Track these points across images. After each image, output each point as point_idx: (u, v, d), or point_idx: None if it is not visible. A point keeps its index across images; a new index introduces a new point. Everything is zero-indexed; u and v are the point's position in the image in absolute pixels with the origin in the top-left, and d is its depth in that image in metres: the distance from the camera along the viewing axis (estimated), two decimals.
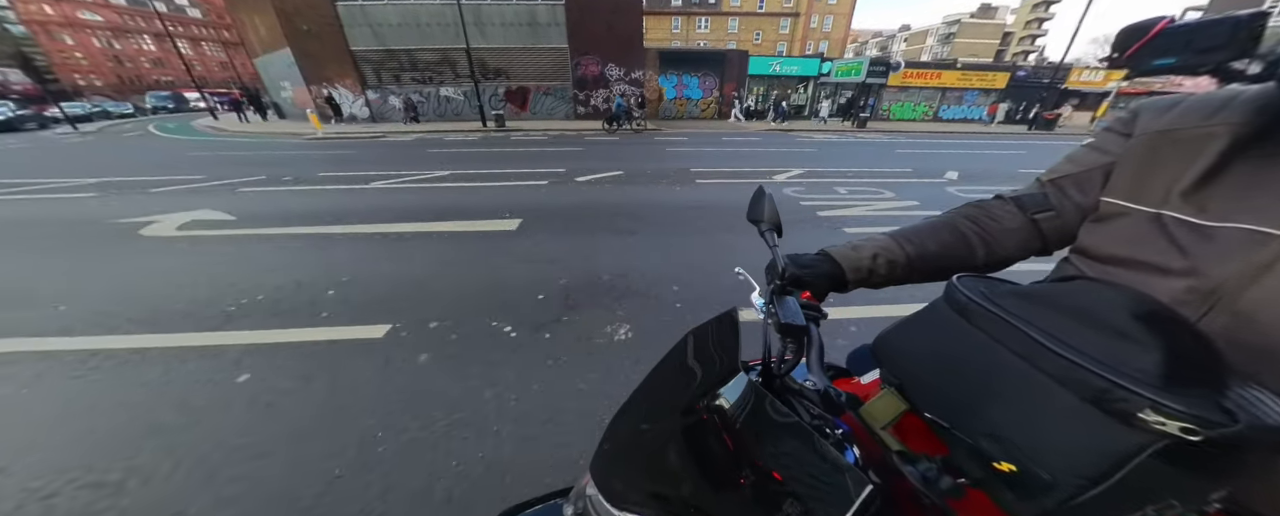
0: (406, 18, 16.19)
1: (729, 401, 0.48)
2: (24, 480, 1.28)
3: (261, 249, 3.06)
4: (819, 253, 0.66)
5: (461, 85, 17.29)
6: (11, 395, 1.64)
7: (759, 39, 38.39)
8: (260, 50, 18.74)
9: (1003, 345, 0.41)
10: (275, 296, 2.35)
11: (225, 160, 7.39)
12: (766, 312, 0.58)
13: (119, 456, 1.36)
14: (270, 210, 4.01)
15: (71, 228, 3.57)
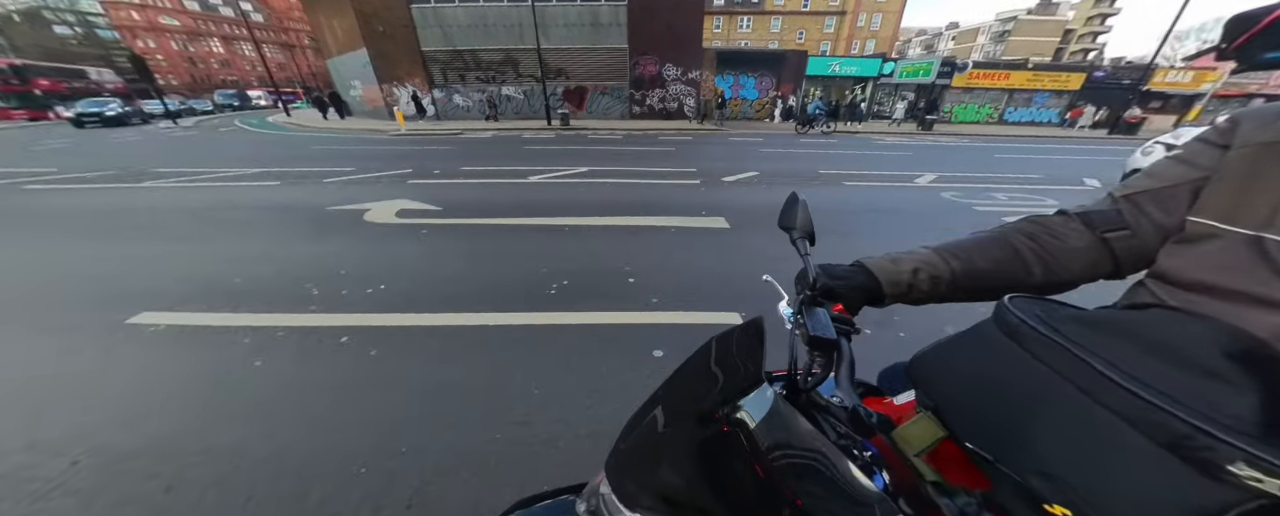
0: (475, 19, 16.78)
1: (750, 412, 0.45)
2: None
3: (503, 237, 3.19)
4: (854, 263, 0.62)
5: (522, 84, 17.79)
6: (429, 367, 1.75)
7: (802, 38, 37.56)
8: (335, 51, 19.85)
9: (1061, 375, 0.37)
10: (582, 281, 2.45)
11: (351, 154, 7.86)
12: (795, 323, 0.55)
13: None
14: (461, 201, 4.16)
15: (299, 213, 3.85)
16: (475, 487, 1.22)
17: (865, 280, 0.59)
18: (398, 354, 1.80)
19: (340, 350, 1.85)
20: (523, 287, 2.38)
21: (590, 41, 16.91)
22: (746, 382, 0.47)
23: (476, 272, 2.57)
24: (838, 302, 0.58)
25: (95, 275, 2.61)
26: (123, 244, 3.16)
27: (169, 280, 2.52)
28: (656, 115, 18.22)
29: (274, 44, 62.21)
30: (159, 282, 2.47)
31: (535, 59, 17.57)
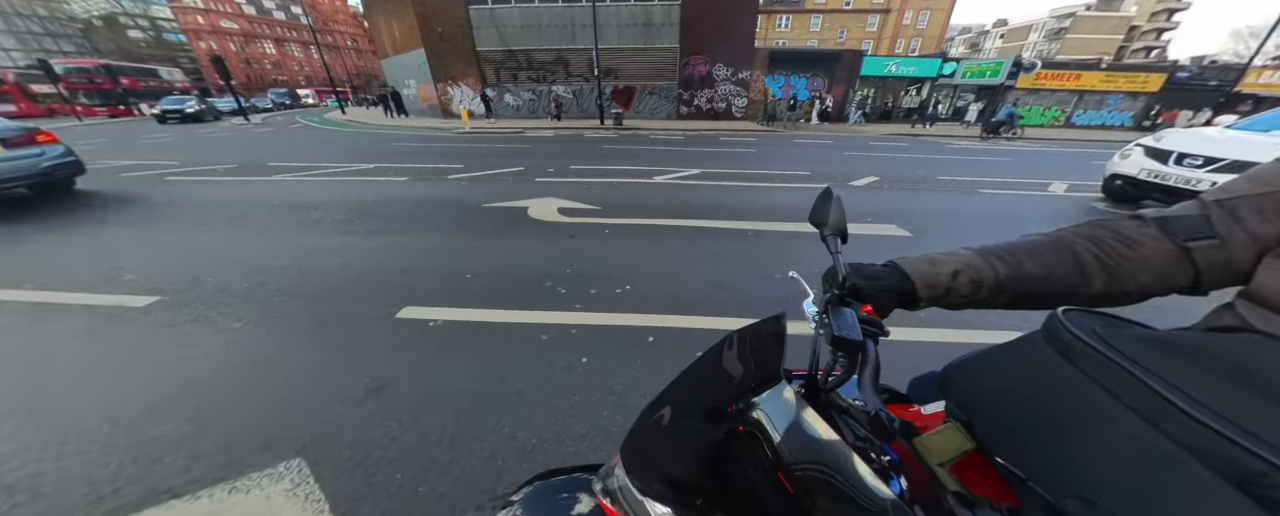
0: (529, 19, 17.06)
1: (764, 408, 0.43)
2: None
3: (692, 239, 3.09)
4: (887, 263, 0.58)
5: (572, 84, 17.98)
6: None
7: (843, 37, 36.53)
8: (391, 51, 20.60)
9: (1119, 400, 0.34)
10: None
11: (439, 151, 8.01)
12: (819, 323, 0.52)
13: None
14: (611, 201, 4.09)
15: (461, 209, 3.86)
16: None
17: (898, 281, 0.55)
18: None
19: (657, 348, 1.80)
20: (770, 297, 2.25)
21: (642, 41, 16.89)
22: (764, 378, 0.45)
23: (709, 275, 2.46)
24: (867, 303, 0.54)
25: (333, 268, 2.63)
26: (326, 237, 3.20)
27: (397, 273, 2.52)
28: (704, 115, 18.03)
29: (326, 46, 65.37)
30: (394, 277, 2.47)
31: (585, 59, 17.75)
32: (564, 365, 1.67)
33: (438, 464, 1.25)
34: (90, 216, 3.78)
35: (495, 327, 1.94)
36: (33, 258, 2.83)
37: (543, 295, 2.21)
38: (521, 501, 0.66)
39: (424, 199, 4.29)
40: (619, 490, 0.52)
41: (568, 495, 0.66)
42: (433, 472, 1.22)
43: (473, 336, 1.88)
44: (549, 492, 0.68)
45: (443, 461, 1.26)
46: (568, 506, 0.63)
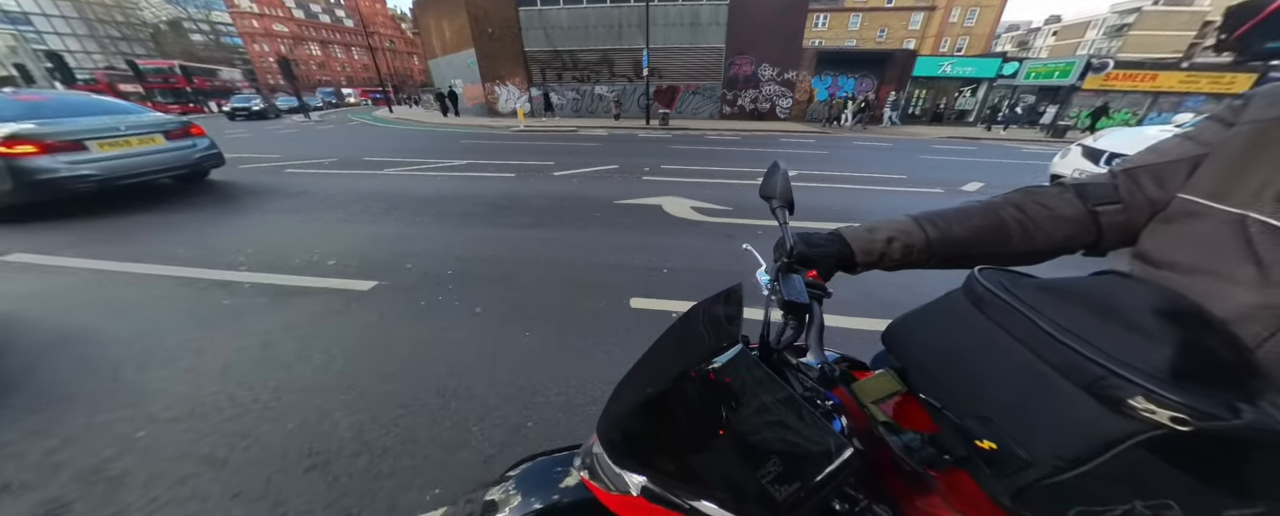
0: (576, 20, 17.32)
1: (725, 370, 0.47)
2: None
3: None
4: (831, 232, 0.63)
5: (615, 84, 18.15)
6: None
7: (883, 36, 35.36)
8: (440, 52, 21.34)
9: (1010, 334, 0.41)
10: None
11: (517, 149, 8.24)
12: (771, 289, 0.57)
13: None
14: (739, 202, 4.05)
15: (594, 205, 3.92)
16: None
17: (839, 248, 0.61)
18: None
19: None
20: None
21: (687, 41, 16.86)
22: (724, 343, 0.49)
23: (888, 279, 2.39)
24: (812, 269, 0.59)
25: (527, 259, 2.72)
26: (491, 228, 3.30)
27: (593, 267, 2.60)
28: (747, 116, 17.82)
29: (361, 47, 68.36)
30: (594, 269, 2.55)
31: (629, 59, 17.89)
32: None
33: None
34: (247, 205, 4.09)
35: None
36: (228, 242, 3.08)
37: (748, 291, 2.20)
38: (514, 478, 0.69)
39: (552, 194, 4.40)
40: (599, 466, 0.54)
41: (559, 470, 0.68)
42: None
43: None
44: (537, 470, 0.70)
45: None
46: (558, 479, 0.66)
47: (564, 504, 0.63)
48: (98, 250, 2.95)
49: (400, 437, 1.37)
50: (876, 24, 35.56)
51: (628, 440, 0.53)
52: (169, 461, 1.29)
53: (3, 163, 3.36)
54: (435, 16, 19.86)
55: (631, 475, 0.50)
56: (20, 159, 3.40)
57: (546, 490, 0.65)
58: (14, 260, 2.82)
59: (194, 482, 1.23)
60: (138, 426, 1.41)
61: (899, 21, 35.37)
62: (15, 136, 3.39)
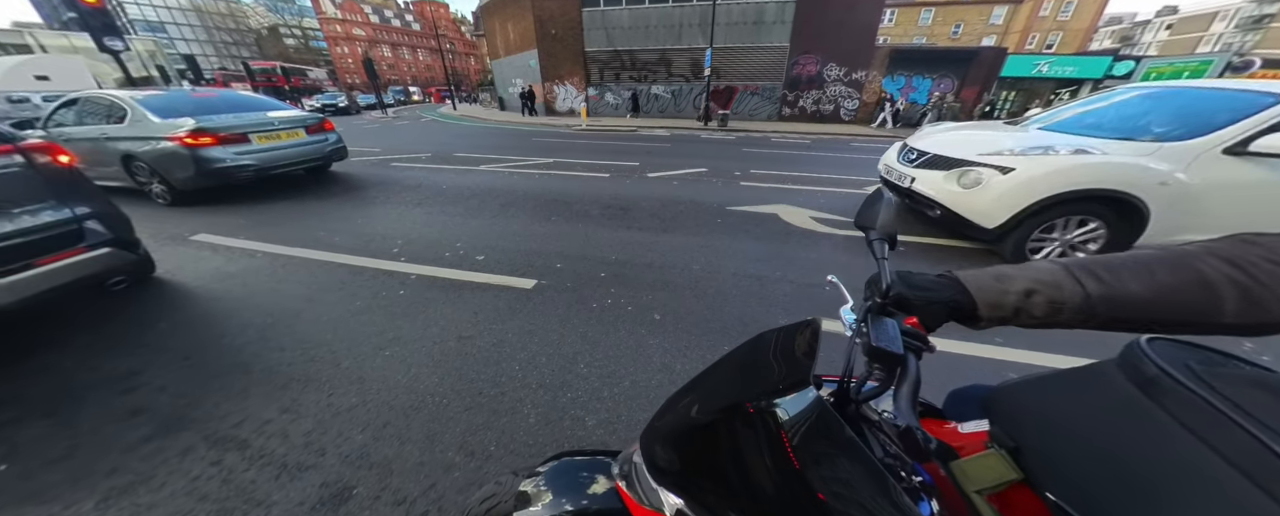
0: (637, 20, 17.44)
1: (789, 411, 0.41)
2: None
3: (980, 257, 2.87)
4: (942, 274, 0.52)
5: (671, 84, 18.09)
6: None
7: (958, 32, 32.55)
8: (503, 53, 22.36)
9: (1214, 450, 0.30)
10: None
11: (594, 148, 8.32)
12: (856, 331, 0.49)
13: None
14: (853, 212, 3.82)
15: (710, 211, 3.83)
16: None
17: (953, 295, 0.49)
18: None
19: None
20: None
21: (750, 40, 16.40)
22: (790, 381, 0.43)
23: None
24: (912, 315, 0.49)
25: (679, 263, 2.67)
26: (619, 231, 3.28)
27: (751, 278, 2.50)
28: (808, 118, 17.04)
29: (426, 49, 73.38)
30: (754, 281, 2.45)
31: (688, 59, 17.75)
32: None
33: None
34: (373, 196, 4.39)
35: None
36: (376, 232, 3.30)
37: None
38: (545, 474, 0.68)
39: (661, 197, 4.36)
40: (636, 477, 0.53)
41: (587, 474, 0.67)
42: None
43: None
44: (569, 470, 0.69)
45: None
46: (585, 485, 0.65)
47: (593, 510, 0.62)
48: (266, 233, 3.26)
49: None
50: (951, 19, 32.78)
51: (667, 458, 0.51)
52: (425, 451, 1.32)
53: (187, 152, 3.82)
54: (500, 19, 20.79)
55: (668, 494, 0.49)
56: (201, 149, 3.85)
57: (576, 493, 0.64)
58: (201, 239, 3.17)
59: (459, 474, 1.24)
60: (377, 414, 1.47)
61: (978, 16, 32.37)
62: (199, 129, 3.85)
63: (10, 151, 1.73)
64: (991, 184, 2.66)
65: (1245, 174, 2.25)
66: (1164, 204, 2.39)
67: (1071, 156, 2.57)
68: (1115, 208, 2.49)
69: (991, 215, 2.65)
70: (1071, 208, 2.56)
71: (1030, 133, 3.10)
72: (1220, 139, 2.29)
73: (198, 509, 1.16)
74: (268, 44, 60.79)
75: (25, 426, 1.44)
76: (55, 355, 1.80)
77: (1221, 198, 2.33)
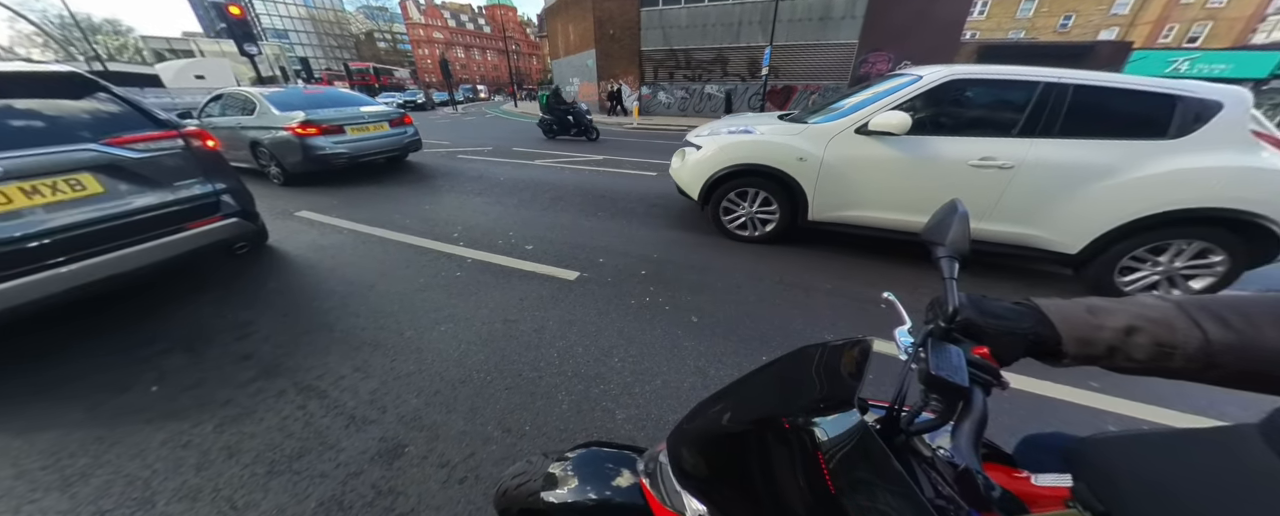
0: (695, 19, 17.29)
1: (829, 432, 0.39)
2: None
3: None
4: (1021, 302, 0.47)
5: (727, 83, 17.74)
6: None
7: (1067, 24, 28.24)
8: (563, 53, 23.35)
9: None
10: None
11: (637, 146, 8.43)
12: (913, 355, 0.45)
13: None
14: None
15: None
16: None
17: (1033, 326, 0.44)
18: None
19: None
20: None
21: (814, 37, 15.53)
22: (833, 400, 0.41)
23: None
24: (983, 345, 0.44)
25: (720, 267, 2.63)
26: (665, 230, 3.30)
27: (799, 290, 2.42)
28: None
29: (493, 50, 78.63)
30: (805, 295, 2.37)
31: (745, 58, 17.26)
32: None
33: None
34: (440, 185, 4.82)
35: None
36: (440, 217, 3.62)
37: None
38: (573, 460, 0.70)
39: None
40: (660, 477, 0.53)
41: (612, 466, 0.67)
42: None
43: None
44: (596, 459, 0.70)
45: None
46: (611, 476, 0.65)
47: (616, 502, 0.62)
48: (351, 213, 3.70)
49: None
50: (1059, 10, 28.51)
51: (692, 463, 0.50)
52: (468, 421, 1.43)
53: (298, 140, 4.45)
54: (563, 21, 21.68)
55: (691, 499, 0.48)
56: (308, 138, 4.47)
57: (600, 483, 0.65)
58: (302, 215, 3.68)
59: (496, 447, 1.33)
60: (430, 382, 1.61)
61: (1094, 6, 27.81)
62: (307, 121, 4.47)
63: (175, 136, 2.14)
64: (688, 159, 3.12)
65: (872, 150, 2.47)
66: (808, 177, 2.66)
67: (734, 136, 2.91)
68: (775, 181, 2.77)
69: (690, 185, 3.10)
70: (745, 181, 2.89)
71: (758, 117, 3.51)
72: (853, 120, 2.50)
73: (285, 443, 1.36)
74: (364, 47, 68.85)
75: (171, 357, 1.78)
76: (196, 303, 2.20)
77: (856, 171, 2.55)
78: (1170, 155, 2.01)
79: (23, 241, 1.65)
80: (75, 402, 1.54)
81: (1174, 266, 2.15)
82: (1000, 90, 2.30)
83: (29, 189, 1.69)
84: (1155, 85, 2.06)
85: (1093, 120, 2.12)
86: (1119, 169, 2.07)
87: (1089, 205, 2.13)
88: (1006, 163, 2.20)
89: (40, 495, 1.20)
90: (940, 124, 2.47)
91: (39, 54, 46.63)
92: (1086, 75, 2.14)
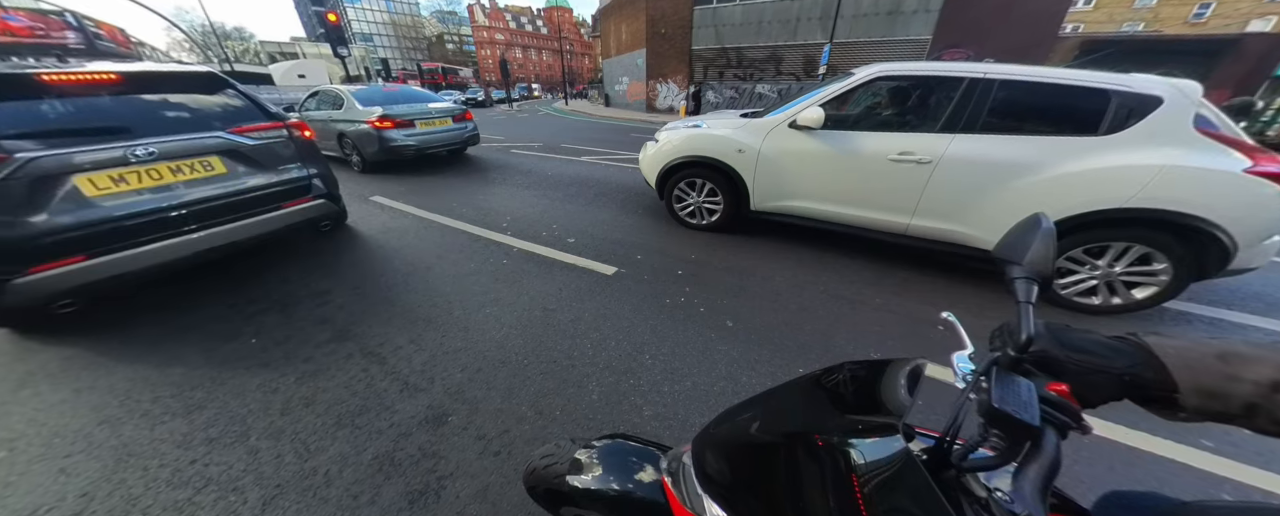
0: (749, 16, 16.80)
1: (866, 456, 0.37)
2: None
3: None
4: (1124, 336, 0.40)
5: (780, 83, 17.09)
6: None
7: (1204, 14, 23.77)
8: (614, 52, 23.77)
9: None
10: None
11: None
12: (973, 384, 0.40)
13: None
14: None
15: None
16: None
17: (1131, 366, 0.37)
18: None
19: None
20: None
21: (881, 33, 14.45)
22: (875, 422, 0.39)
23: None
24: (1062, 382, 0.39)
25: (777, 277, 2.58)
26: (733, 236, 3.20)
27: (844, 302, 2.33)
28: None
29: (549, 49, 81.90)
30: (849, 307, 2.27)
31: (800, 56, 16.50)
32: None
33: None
34: (494, 178, 5.13)
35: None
36: (492, 207, 3.87)
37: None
38: (599, 449, 0.71)
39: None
40: (683, 477, 0.53)
41: (636, 461, 0.68)
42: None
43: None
44: (621, 452, 0.71)
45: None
46: (634, 470, 0.66)
47: (637, 496, 0.63)
48: (416, 200, 4.05)
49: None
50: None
51: (716, 468, 0.50)
52: (505, 400, 1.52)
53: (376, 133, 4.95)
54: (616, 20, 22.03)
55: (712, 504, 0.48)
56: (384, 131, 4.96)
57: (623, 475, 0.66)
58: (375, 200, 4.09)
59: (528, 428, 1.41)
60: (474, 360, 1.73)
61: None
62: (384, 116, 4.96)
63: (280, 127, 2.47)
64: (648, 151, 3.37)
65: (801, 143, 2.54)
66: (747, 168, 2.76)
67: (684, 130, 3.10)
68: (719, 172, 2.90)
69: (648, 174, 3.36)
70: (693, 171, 3.05)
71: (718, 114, 3.72)
72: (786, 116, 2.60)
73: (350, 400, 1.53)
74: (434, 49, 74.86)
75: (267, 316, 2.06)
76: (286, 272, 2.53)
77: (789, 163, 2.63)
78: (1097, 152, 1.94)
79: (168, 210, 2.00)
80: (195, 346, 1.85)
81: (1113, 271, 2.05)
82: (925, 86, 2.36)
83: (175, 168, 2.04)
84: (1091, 80, 1.97)
85: (1017, 116, 2.10)
86: (1041, 165, 2.02)
87: (1010, 202, 2.09)
88: (924, 157, 2.21)
89: (169, 418, 1.46)
90: (868, 119, 2.65)
91: (186, 56, 56.44)
92: (1019, 70, 2.09)
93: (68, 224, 1.77)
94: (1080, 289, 2.11)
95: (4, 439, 1.39)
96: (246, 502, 1.18)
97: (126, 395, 1.57)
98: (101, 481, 1.25)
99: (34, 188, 1.71)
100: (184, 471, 1.27)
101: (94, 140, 1.86)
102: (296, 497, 1.19)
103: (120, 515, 1.15)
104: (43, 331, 1.97)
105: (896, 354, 1.83)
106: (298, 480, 1.24)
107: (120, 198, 1.90)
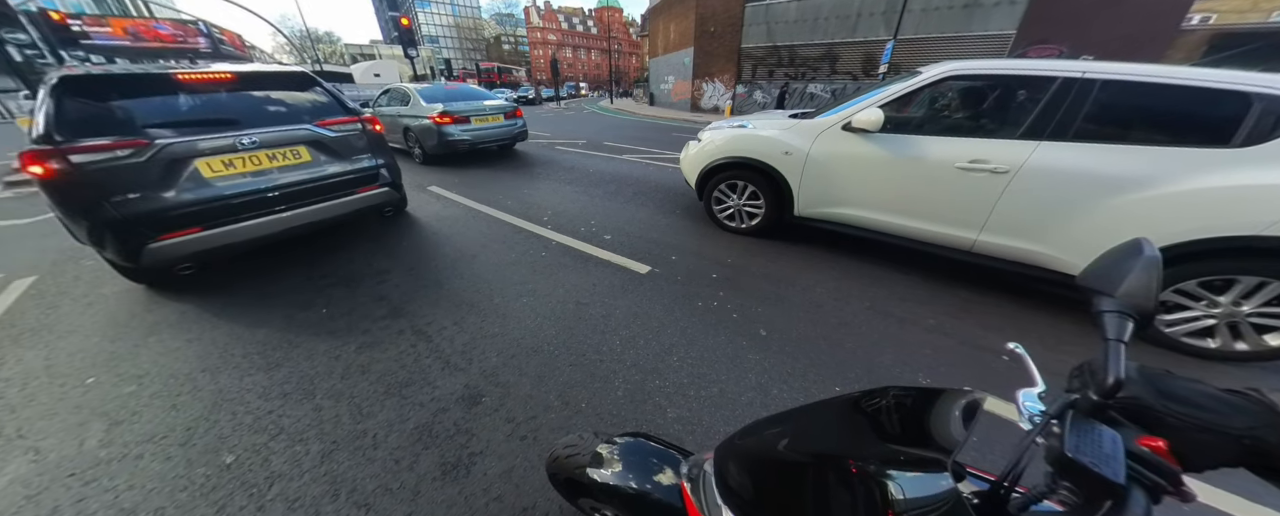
0: (804, 13, 16.03)
1: (904, 491, 0.34)
2: None
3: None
4: (1243, 391, 0.34)
5: (835, 82, 16.19)
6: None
7: None
8: (661, 51, 23.76)
9: None
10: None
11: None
12: (1040, 425, 0.36)
13: None
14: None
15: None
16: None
17: (1254, 426, 0.31)
18: None
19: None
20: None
21: (955, 28, 13.18)
22: (920, 456, 0.36)
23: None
24: (1158, 436, 0.34)
25: (816, 287, 2.59)
26: (773, 242, 3.10)
27: (878, 316, 2.23)
28: None
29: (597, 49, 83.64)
30: (883, 321, 2.21)
31: (859, 53, 15.48)
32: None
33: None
34: (538, 173, 5.34)
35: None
36: (535, 201, 4.04)
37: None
38: (621, 446, 0.72)
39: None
40: (702, 485, 0.53)
41: (657, 462, 0.68)
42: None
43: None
44: (642, 451, 0.71)
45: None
46: (654, 471, 0.66)
47: (654, 497, 0.62)
48: (467, 191, 4.31)
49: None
50: None
51: (738, 480, 0.47)
52: (534, 387, 1.58)
53: (436, 128, 5.34)
54: (665, 19, 22.00)
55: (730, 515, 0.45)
56: (443, 125, 5.34)
57: (643, 475, 0.66)
58: (432, 190, 4.41)
59: (554, 416, 1.46)
60: (508, 346, 1.82)
61: None
62: (444, 112, 5.33)
63: (356, 121, 2.74)
64: (690, 150, 3.30)
65: (856, 147, 2.38)
66: (794, 171, 2.64)
67: (728, 130, 3.01)
68: (763, 174, 2.80)
69: (689, 175, 3.31)
70: (735, 173, 2.95)
71: (765, 115, 3.60)
72: (841, 117, 2.44)
73: (399, 372, 1.66)
74: (492, 49, 79.23)
75: (336, 290, 2.30)
76: (353, 251, 2.80)
77: (841, 167, 2.48)
78: (1229, 167, 1.62)
79: (265, 192, 2.29)
80: (278, 312, 2.10)
81: (1239, 310, 1.69)
82: (1005, 87, 2.14)
83: (271, 155, 2.34)
84: (1224, 80, 1.62)
85: (1122, 122, 1.80)
86: (1151, 181, 1.72)
87: (1105, 221, 1.80)
88: (1000, 167, 1.98)
89: (255, 373, 1.68)
90: (934, 123, 2.44)
91: (286, 58, 64.53)
92: (1128, 69, 1.77)
93: (190, 200, 2.09)
94: (1191, 328, 1.76)
95: (136, 374, 1.68)
96: (309, 453, 1.32)
97: (225, 348, 1.83)
98: (201, 419, 1.46)
99: (167, 169, 2.04)
100: (263, 419, 1.46)
101: (211, 130, 2.18)
102: (349, 455, 1.31)
103: (214, 450, 1.34)
104: (168, 289, 2.35)
105: (950, 383, 1.68)
106: (351, 439, 1.37)
107: (229, 179, 2.21)
